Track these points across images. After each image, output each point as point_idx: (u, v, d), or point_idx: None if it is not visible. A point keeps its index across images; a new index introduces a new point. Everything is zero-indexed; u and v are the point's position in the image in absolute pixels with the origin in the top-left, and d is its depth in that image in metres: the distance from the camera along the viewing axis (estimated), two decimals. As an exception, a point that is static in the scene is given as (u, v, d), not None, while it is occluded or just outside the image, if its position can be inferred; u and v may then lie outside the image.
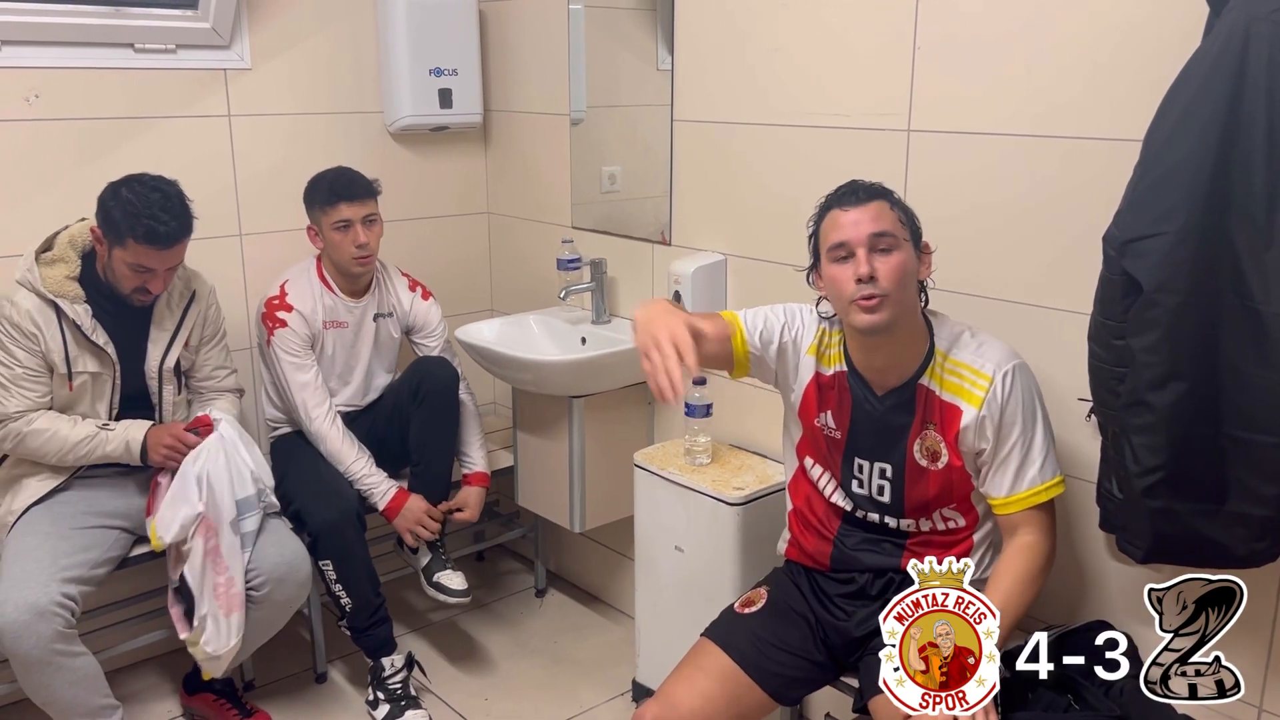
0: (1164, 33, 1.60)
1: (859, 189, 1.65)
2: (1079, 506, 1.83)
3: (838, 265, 1.63)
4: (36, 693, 2.04)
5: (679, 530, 2.25)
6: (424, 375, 2.56)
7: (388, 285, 2.64)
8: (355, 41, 2.82)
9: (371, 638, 2.44)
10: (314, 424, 2.47)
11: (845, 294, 1.61)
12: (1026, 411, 1.65)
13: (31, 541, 2.08)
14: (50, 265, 2.14)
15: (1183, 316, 1.42)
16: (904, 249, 1.62)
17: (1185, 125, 1.41)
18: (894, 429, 1.71)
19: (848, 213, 1.62)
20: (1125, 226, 1.46)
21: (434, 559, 2.56)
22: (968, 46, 1.89)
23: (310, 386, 2.49)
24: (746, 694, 1.76)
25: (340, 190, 2.43)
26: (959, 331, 1.70)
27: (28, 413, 2.14)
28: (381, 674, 2.45)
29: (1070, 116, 1.76)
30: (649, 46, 2.54)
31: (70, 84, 2.40)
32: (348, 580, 2.38)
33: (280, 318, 2.47)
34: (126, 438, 2.18)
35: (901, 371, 1.69)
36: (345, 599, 2.39)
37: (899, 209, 1.66)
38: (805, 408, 1.80)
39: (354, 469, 2.47)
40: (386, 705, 2.44)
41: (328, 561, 2.37)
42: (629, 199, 2.72)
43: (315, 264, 2.55)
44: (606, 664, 2.72)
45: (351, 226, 2.43)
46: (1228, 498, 1.47)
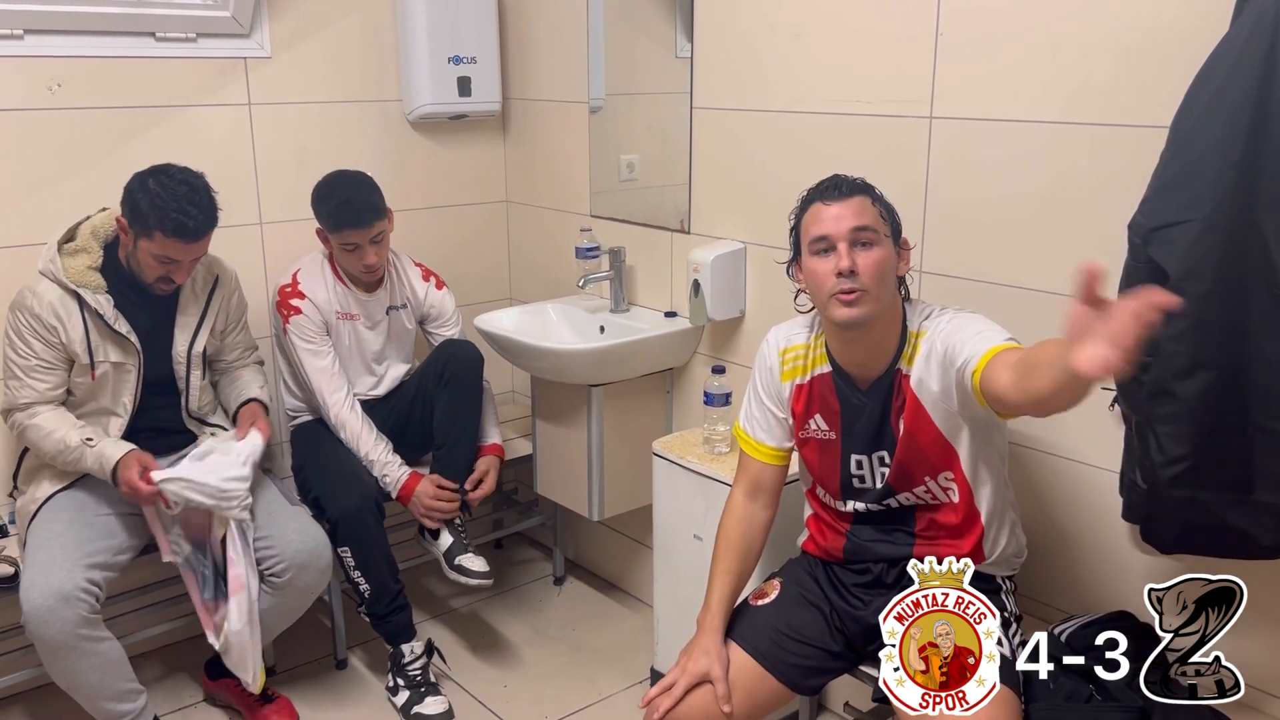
0: (1192, 18, 1.58)
1: (841, 183, 1.66)
2: (1102, 496, 1.82)
3: (818, 259, 1.64)
4: (62, 677, 2.07)
5: (697, 519, 2.25)
6: (449, 358, 2.56)
7: (401, 277, 2.65)
8: (375, 30, 2.82)
9: (391, 624, 2.45)
10: (332, 410, 2.49)
11: (825, 287, 1.62)
12: (963, 320, 1.63)
13: (56, 529, 2.10)
14: (73, 255, 2.15)
15: (1209, 305, 1.41)
16: (884, 245, 1.63)
17: (1213, 112, 1.39)
18: (880, 417, 1.71)
19: (830, 207, 1.63)
20: (1151, 214, 1.45)
21: (455, 543, 2.55)
22: (991, 31, 1.87)
23: (327, 372, 2.50)
24: (761, 685, 1.76)
25: (347, 220, 2.40)
26: (929, 310, 1.70)
27: (35, 405, 2.15)
28: (401, 660, 2.46)
29: (1096, 103, 1.74)
30: (668, 34, 2.53)
31: (92, 73, 2.42)
32: (366, 567, 2.39)
33: (294, 305, 2.48)
34: (101, 458, 2.12)
35: (881, 362, 1.70)
36: (364, 585, 2.40)
37: (880, 204, 1.66)
38: (797, 421, 1.81)
39: (372, 454, 2.48)
40: (406, 691, 2.45)
41: (346, 548, 2.38)
42: (648, 187, 2.71)
43: (328, 260, 2.56)
44: (625, 652, 2.72)
45: (359, 248, 2.44)
46: (1254, 487, 1.46)
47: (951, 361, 1.59)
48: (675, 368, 2.65)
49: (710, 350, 2.57)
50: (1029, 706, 1.58)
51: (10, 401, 2.16)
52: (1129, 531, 1.80)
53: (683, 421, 2.67)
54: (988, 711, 1.43)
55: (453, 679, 2.60)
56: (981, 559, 1.72)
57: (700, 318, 2.44)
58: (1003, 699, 1.50)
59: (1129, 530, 1.79)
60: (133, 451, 2.14)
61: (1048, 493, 1.93)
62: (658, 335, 2.54)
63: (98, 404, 2.22)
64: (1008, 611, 1.73)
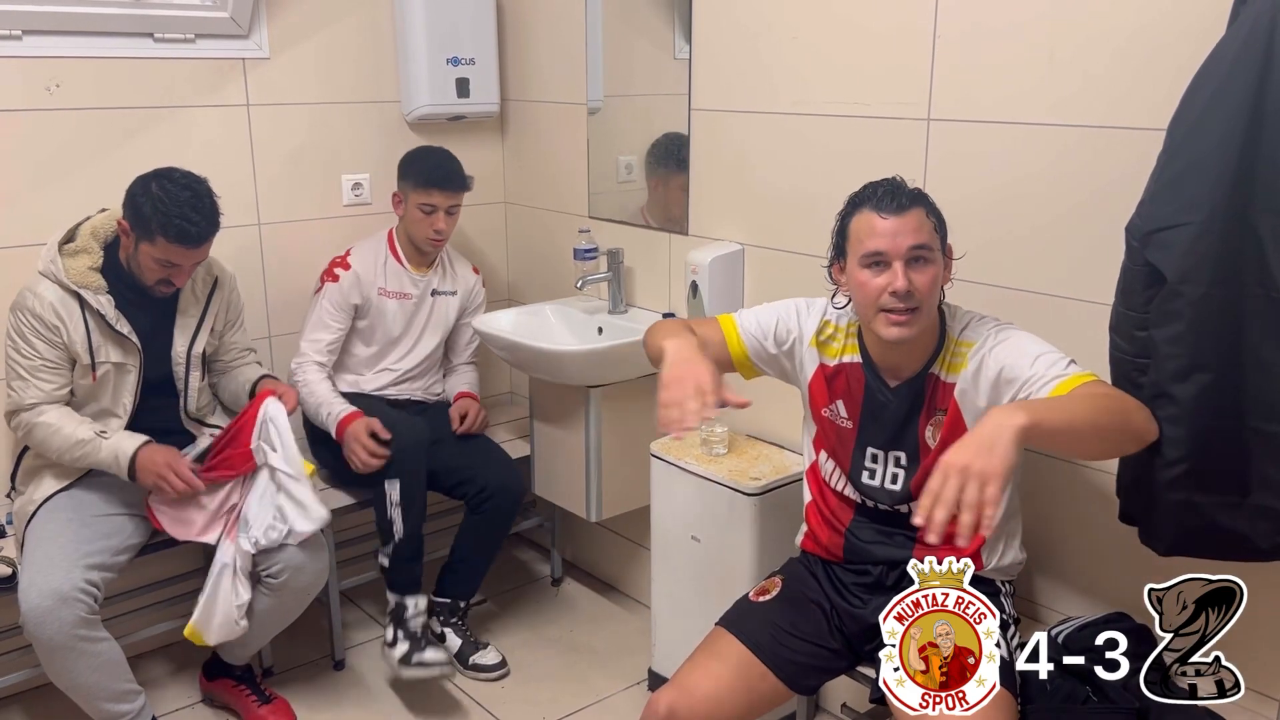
0: (1189, 20, 1.58)
1: (899, 193, 1.60)
2: (1100, 498, 1.83)
3: (870, 271, 1.60)
4: (60, 677, 2.07)
5: (695, 520, 2.25)
6: (499, 488, 2.58)
7: (450, 265, 2.75)
8: (373, 31, 2.82)
9: (408, 573, 2.48)
10: (303, 371, 2.56)
11: (875, 301, 1.60)
12: (1017, 339, 1.61)
13: (54, 529, 2.10)
14: (73, 256, 2.15)
15: (1206, 308, 1.41)
16: (937, 260, 1.61)
17: (1210, 115, 1.39)
18: (905, 417, 1.70)
19: (887, 220, 1.58)
20: (1148, 217, 1.45)
21: (464, 644, 2.64)
22: (989, 34, 1.87)
23: (322, 344, 2.58)
24: (760, 681, 1.76)
25: (438, 179, 2.55)
26: (969, 318, 1.70)
27: (41, 404, 2.15)
28: (404, 614, 2.48)
29: (1093, 105, 1.74)
30: (666, 35, 2.53)
31: (90, 73, 2.42)
32: (409, 505, 2.43)
33: (336, 273, 2.60)
34: (116, 450, 2.13)
35: (915, 363, 1.69)
36: (399, 525, 2.43)
37: (933, 216, 1.63)
38: (814, 399, 1.80)
39: (319, 391, 2.54)
40: (406, 643, 2.45)
41: (396, 481, 2.42)
42: (646, 188, 2.71)
43: (387, 235, 2.66)
44: (622, 653, 2.73)
45: (436, 212, 2.56)
46: (1251, 490, 1.46)
47: (1009, 382, 1.57)
48: (673, 369, 2.65)
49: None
50: (1026, 708, 1.58)
51: (16, 403, 2.16)
52: (1127, 533, 1.80)
53: (681, 423, 2.67)
54: (987, 714, 1.43)
55: (453, 682, 2.60)
56: (980, 566, 1.72)
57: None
58: (999, 701, 1.50)
59: (1127, 532, 1.79)
60: (150, 443, 2.16)
61: (1045, 494, 1.93)
62: (656, 336, 2.54)
63: (98, 404, 2.22)
64: (1006, 614, 1.73)
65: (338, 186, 2.84)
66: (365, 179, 2.87)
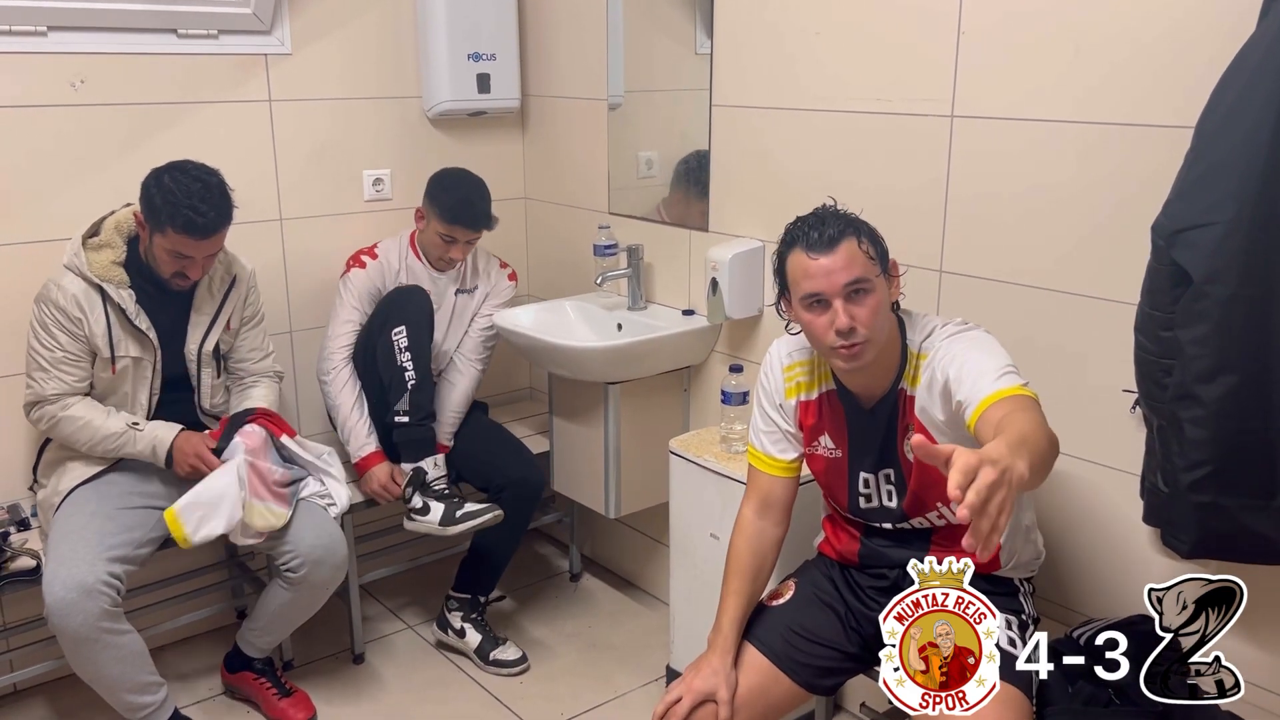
0: (1217, 17, 1.56)
1: (826, 228, 1.58)
2: (1123, 500, 1.81)
3: (812, 313, 1.61)
4: (83, 669, 2.09)
5: (714, 517, 2.25)
6: (520, 483, 2.59)
7: (474, 265, 2.73)
8: (394, 26, 2.83)
9: (422, 429, 2.50)
10: (328, 363, 2.57)
11: (824, 341, 1.61)
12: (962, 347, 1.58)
13: (78, 521, 2.12)
14: (97, 250, 2.17)
15: (1233, 308, 1.39)
16: (878, 287, 1.60)
17: (1238, 113, 1.38)
18: (884, 435, 1.70)
19: (817, 260, 1.57)
20: (1175, 216, 1.44)
21: (483, 640, 2.64)
22: (1013, 30, 1.85)
23: (344, 338, 2.57)
24: (775, 685, 1.76)
25: (464, 219, 2.53)
26: (930, 326, 1.67)
27: (64, 396, 2.17)
28: (425, 477, 2.50)
29: (1120, 102, 1.72)
30: (687, 30, 2.52)
31: (114, 69, 2.43)
32: (416, 350, 2.45)
33: (362, 260, 2.60)
34: (154, 440, 2.19)
35: (883, 382, 1.68)
36: (410, 373, 2.45)
37: (867, 241, 1.60)
38: (806, 436, 1.81)
39: (351, 417, 2.54)
40: (440, 505, 2.47)
41: (401, 328, 2.45)
42: (666, 185, 2.71)
43: (409, 235, 2.67)
44: (641, 649, 2.73)
45: (455, 243, 2.56)
46: (1277, 493, 1.45)
47: (950, 395, 1.56)
48: (693, 366, 2.65)
49: (728, 349, 2.57)
50: (1045, 711, 1.57)
51: (38, 394, 2.18)
52: (1150, 535, 1.78)
53: (700, 420, 2.67)
54: (997, 713, 1.42)
55: (470, 676, 2.61)
56: (997, 566, 1.71)
57: (718, 316, 2.43)
58: (1013, 701, 1.50)
59: (1151, 533, 1.78)
60: (185, 430, 2.20)
61: (1068, 495, 1.92)
62: (675, 333, 2.54)
63: (116, 398, 2.24)
64: (1025, 614, 1.72)
65: (359, 182, 2.84)
66: (386, 174, 2.88)
